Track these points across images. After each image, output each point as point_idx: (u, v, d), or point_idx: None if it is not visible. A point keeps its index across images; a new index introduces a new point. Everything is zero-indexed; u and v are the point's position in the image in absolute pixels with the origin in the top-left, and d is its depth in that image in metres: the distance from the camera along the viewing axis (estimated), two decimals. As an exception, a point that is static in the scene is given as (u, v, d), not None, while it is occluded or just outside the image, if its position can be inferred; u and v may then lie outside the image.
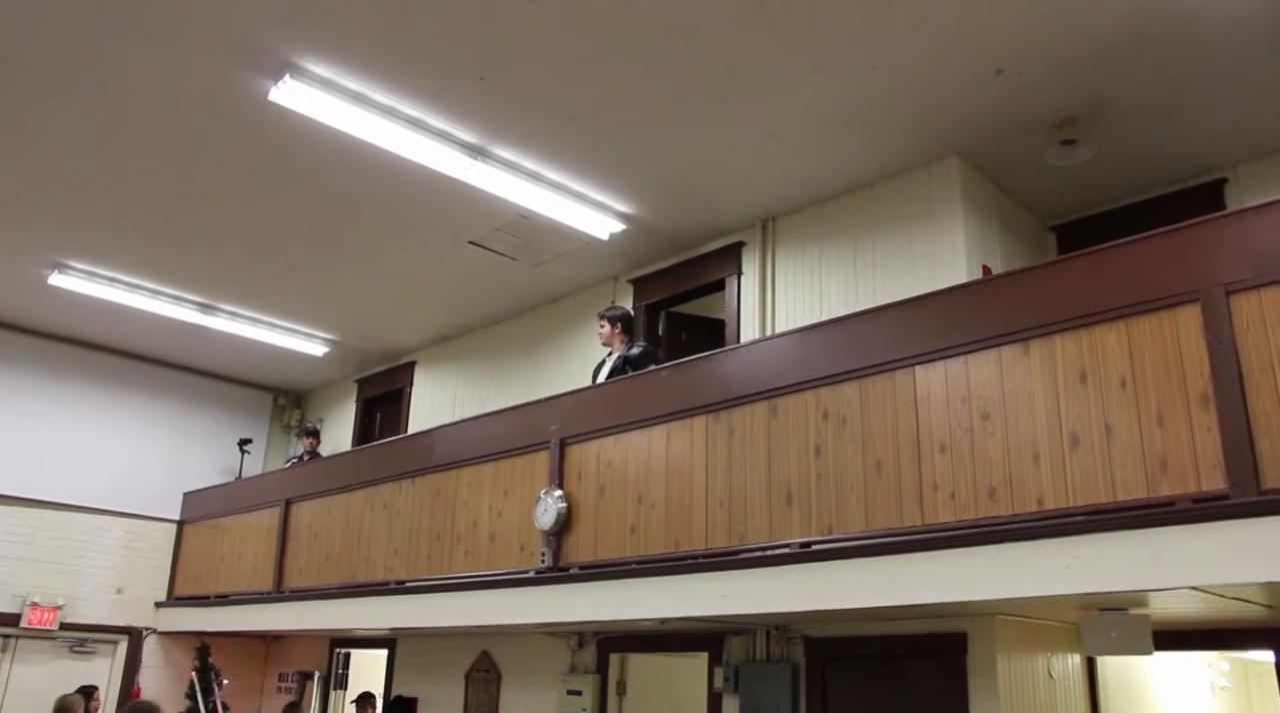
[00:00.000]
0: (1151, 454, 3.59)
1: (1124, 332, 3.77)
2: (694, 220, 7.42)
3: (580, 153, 6.54)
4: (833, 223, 6.90)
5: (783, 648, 6.07)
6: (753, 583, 4.68)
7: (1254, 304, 3.49)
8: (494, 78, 5.74)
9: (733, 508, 4.92)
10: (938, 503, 4.11)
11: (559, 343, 8.73)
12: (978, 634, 5.22)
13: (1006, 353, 4.06)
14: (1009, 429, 3.97)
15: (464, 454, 6.75)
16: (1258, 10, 5.11)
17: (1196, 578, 3.46)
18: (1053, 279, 4.26)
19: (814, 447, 4.62)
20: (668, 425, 5.39)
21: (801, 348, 5.02)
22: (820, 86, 5.77)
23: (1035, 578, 3.71)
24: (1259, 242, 3.57)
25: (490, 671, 7.78)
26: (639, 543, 5.39)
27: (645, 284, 8.12)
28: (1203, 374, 3.53)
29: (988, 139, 6.23)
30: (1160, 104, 5.89)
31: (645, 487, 5.42)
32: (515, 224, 7.38)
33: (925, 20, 5.21)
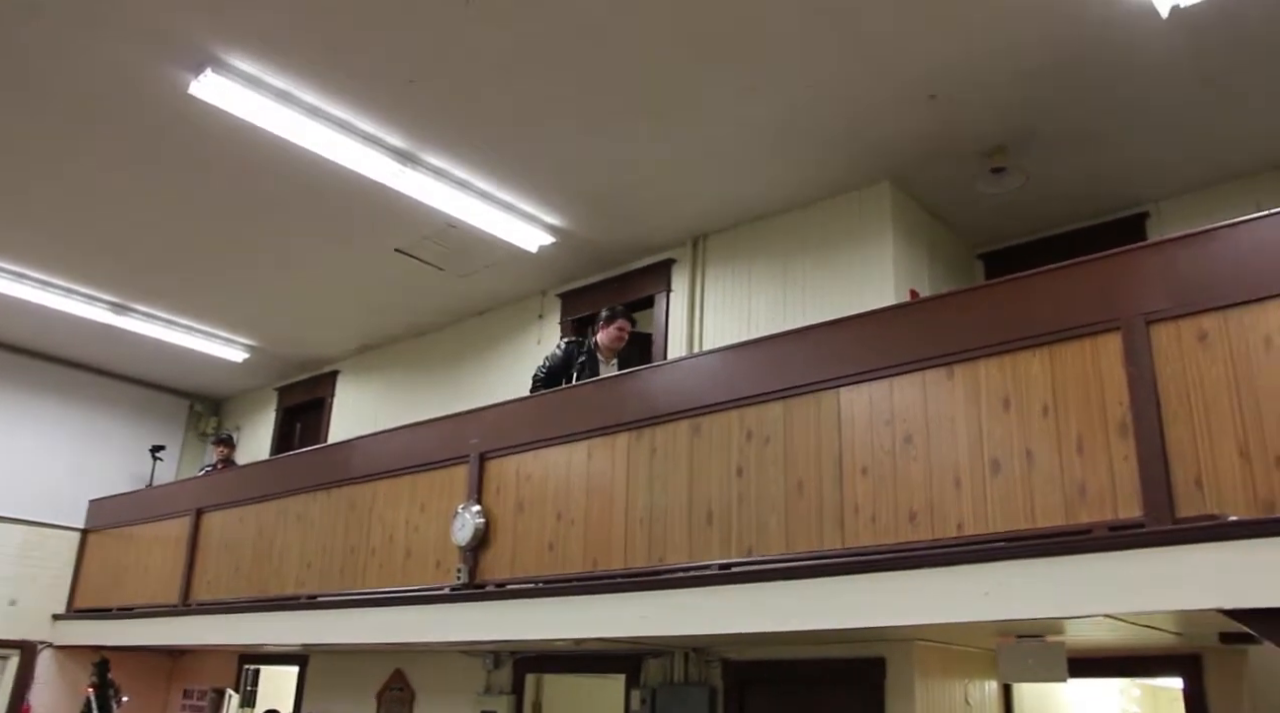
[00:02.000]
0: (1071, 481, 3.59)
1: (1047, 358, 3.77)
2: (624, 235, 7.36)
3: (511, 162, 6.45)
4: (763, 242, 6.90)
5: (701, 671, 5.99)
6: (672, 604, 4.59)
7: (1172, 334, 3.50)
8: (424, 82, 5.63)
9: (653, 527, 4.83)
10: (858, 526, 4.07)
11: (484, 356, 8.61)
12: (896, 660, 5.20)
13: (931, 377, 4.04)
14: (931, 453, 3.95)
15: (382, 466, 6.58)
16: (1183, 51, 5.21)
17: (1111, 606, 3.45)
18: (978, 305, 4.26)
19: (736, 467, 4.56)
20: (589, 442, 5.30)
21: (726, 367, 4.96)
22: (753, 106, 5.75)
23: (954, 604, 3.67)
24: (1178, 273, 3.60)
25: (403, 689, 7.58)
26: (557, 561, 5.27)
27: (573, 299, 8.04)
28: (1122, 403, 3.53)
29: (919, 164, 6.27)
30: (1087, 137, 5.98)
31: (565, 504, 5.31)
32: (443, 233, 7.25)
33: (861, 44, 5.22)
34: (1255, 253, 3.49)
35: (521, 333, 8.39)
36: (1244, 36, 5.10)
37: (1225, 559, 3.11)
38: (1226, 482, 3.28)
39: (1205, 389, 3.41)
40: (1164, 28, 4.97)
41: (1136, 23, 4.97)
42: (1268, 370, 3.29)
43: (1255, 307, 3.37)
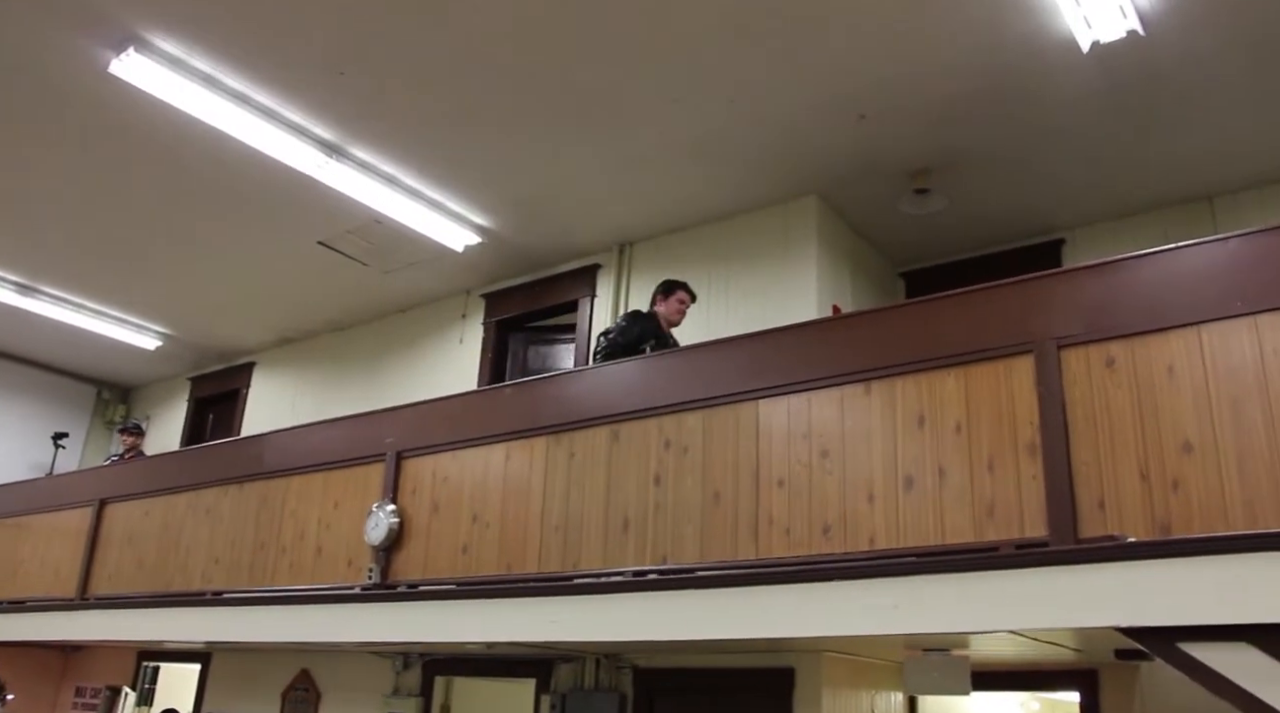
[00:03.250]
0: (980, 499, 3.66)
1: (962, 378, 3.83)
2: (551, 239, 7.34)
3: (440, 161, 6.40)
4: (689, 252, 6.93)
5: (612, 677, 5.99)
6: (584, 610, 4.57)
7: (1082, 358, 3.59)
8: (355, 74, 5.56)
9: (568, 533, 4.82)
10: (773, 538, 4.09)
11: (406, 354, 8.51)
12: (805, 670, 5.25)
13: (849, 392, 4.09)
14: (847, 468, 3.99)
15: (296, 462, 6.45)
16: (1100, 84, 5.37)
17: (1015, 622, 3.53)
18: (897, 323, 4.33)
19: (654, 475, 4.57)
20: (508, 445, 5.26)
21: (648, 375, 4.97)
22: (682, 116, 5.79)
23: (863, 617, 3.71)
24: (1090, 299, 3.70)
25: (309, 689, 7.44)
26: (471, 563, 5.22)
27: (497, 300, 8.00)
28: (1032, 423, 3.61)
29: (846, 182, 6.36)
30: (1009, 163, 6.13)
31: (481, 506, 5.26)
32: (368, 228, 7.16)
33: (792, 61, 5.28)
34: (1160, 284, 3.60)
35: (444, 332, 8.32)
36: (1158, 73, 5.27)
37: (1122, 579, 3.19)
38: (1127, 504, 3.37)
39: (1111, 413, 3.50)
40: (1084, 61, 5.12)
41: (1058, 55, 5.11)
42: (1169, 397, 3.39)
43: (1159, 336, 3.47)
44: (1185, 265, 3.61)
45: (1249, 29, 4.97)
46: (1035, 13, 4.87)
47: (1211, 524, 3.18)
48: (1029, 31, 4.99)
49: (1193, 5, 4.81)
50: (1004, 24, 4.95)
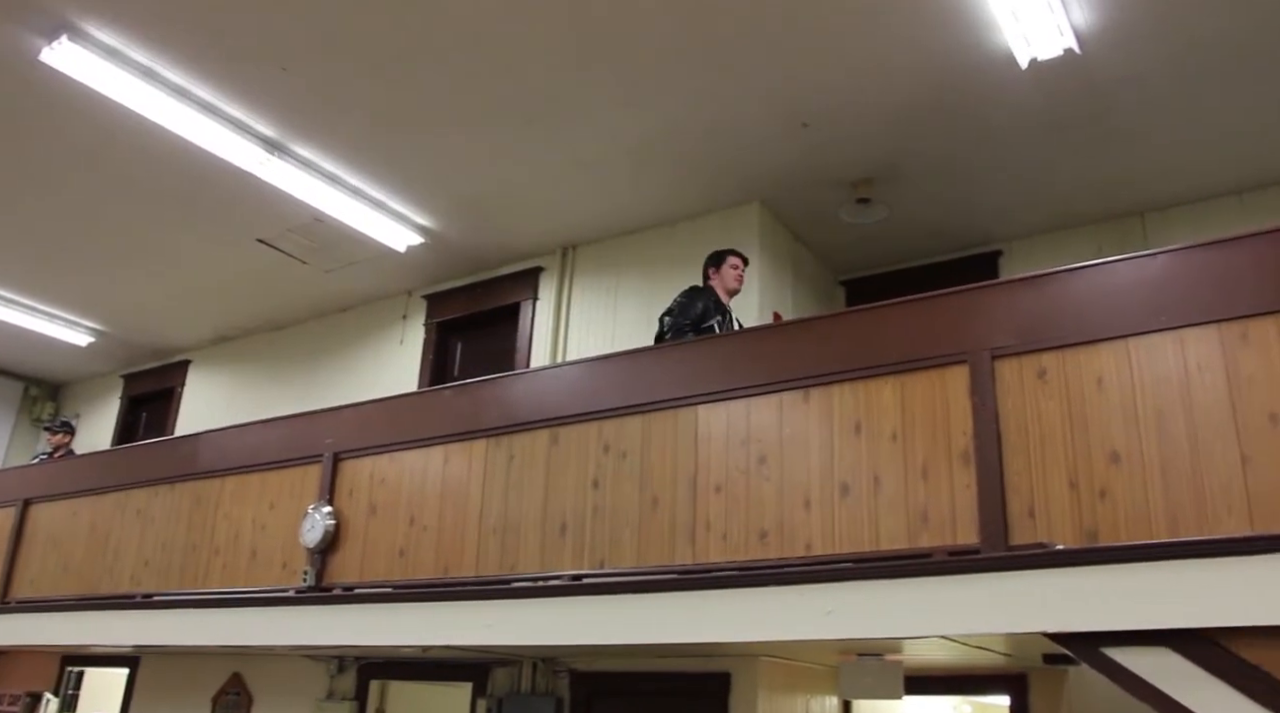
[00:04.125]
0: (915, 507, 3.70)
1: (899, 386, 3.88)
2: (494, 240, 7.31)
3: (382, 160, 6.34)
4: (632, 256, 6.95)
5: (549, 681, 5.97)
6: (521, 614, 4.56)
7: (1015, 369, 3.66)
8: (298, 70, 5.50)
9: (506, 536, 4.80)
10: (710, 543, 4.11)
11: (345, 354, 8.42)
12: (741, 674, 5.28)
13: (787, 399, 4.12)
14: (784, 474, 4.02)
15: (231, 462, 6.35)
16: (1039, 100, 5.48)
17: (947, 628, 3.57)
18: (836, 331, 4.37)
19: (593, 479, 4.57)
20: (446, 447, 5.23)
21: (588, 378, 4.97)
22: (628, 120, 5.80)
23: (799, 622, 3.75)
24: (1024, 311, 3.77)
25: (241, 694, 7.33)
26: (408, 566, 5.18)
27: (439, 301, 7.94)
28: (965, 433, 3.67)
29: (789, 189, 6.41)
30: (949, 175, 6.22)
31: (419, 508, 5.23)
32: (309, 226, 7.07)
33: (738, 68, 5.31)
34: (1092, 297, 3.68)
35: (384, 333, 8.24)
36: (1093, 91, 5.39)
37: (1050, 586, 3.26)
38: (1056, 512, 3.44)
39: (1042, 423, 3.57)
40: (1023, 77, 5.22)
41: (998, 70, 5.20)
42: (1097, 408, 3.46)
43: (1090, 347, 3.55)
44: (1116, 279, 3.69)
45: (1180, 52, 5.10)
46: (976, 28, 4.95)
47: (1136, 533, 3.26)
48: (970, 46, 5.08)
49: (1127, 27, 4.92)
50: (946, 38, 5.03)
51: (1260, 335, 3.27)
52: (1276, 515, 3.05)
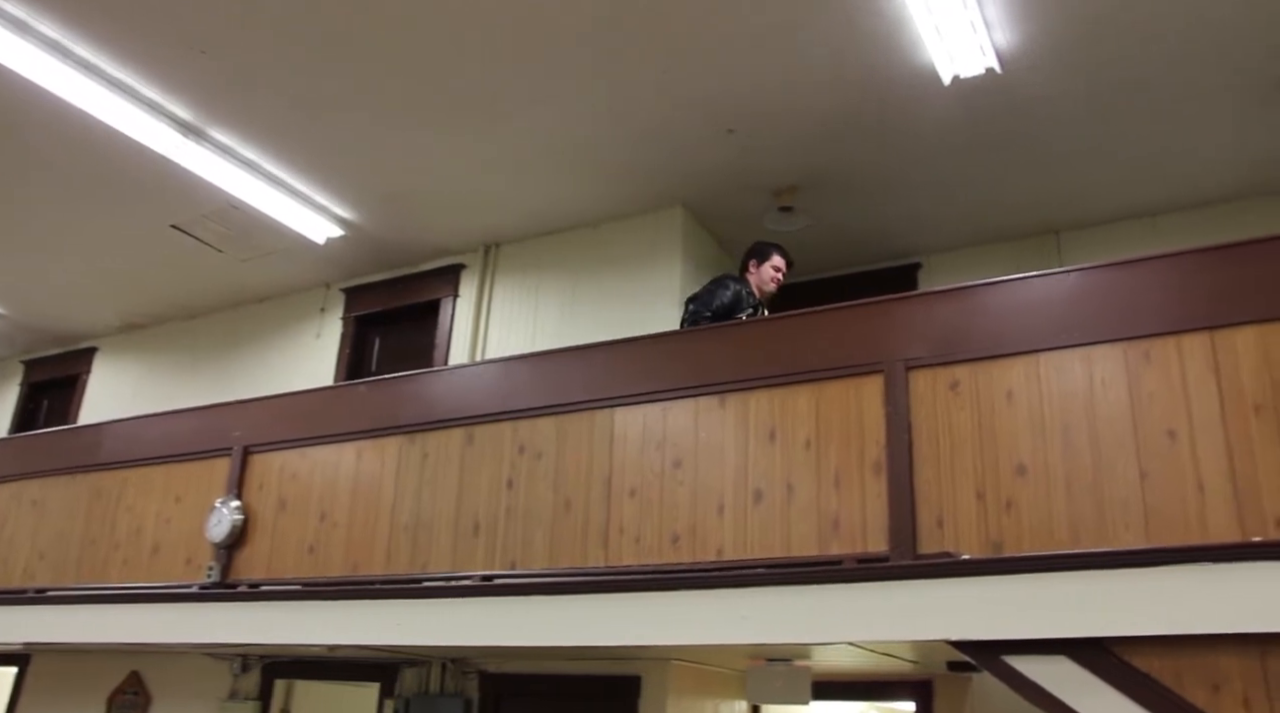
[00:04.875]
0: (826, 514, 3.74)
1: (814, 395, 3.92)
2: (416, 236, 7.22)
3: (304, 149, 6.21)
4: (554, 256, 6.92)
5: (458, 682, 5.91)
6: (430, 614, 4.50)
7: (928, 380, 3.72)
8: (219, 53, 5.36)
9: (418, 534, 4.74)
10: (622, 546, 4.11)
11: (259, 346, 8.24)
12: (651, 678, 5.28)
13: (704, 404, 4.13)
14: (698, 479, 4.03)
15: (136, 454, 6.17)
16: (960, 117, 5.57)
17: (855, 634, 3.62)
18: (754, 337, 4.40)
19: (506, 479, 4.54)
20: (360, 443, 5.15)
21: (505, 378, 4.93)
22: (555, 119, 5.77)
23: (710, 627, 3.76)
24: (939, 323, 3.83)
25: (139, 693, 7.11)
26: (317, 563, 5.09)
27: (358, 295, 7.82)
28: (878, 442, 3.72)
29: (713, 194, 6.44)
30: (871, 186, 6.30)
31: (330, 505, 5.14)
32: (225, 213, 6.90)
33: (666, 71, 5.32)
34: (1005, 312, 3.76)
35: (301, 325, 8.08)
36: (1012, 110, 5.50)
37: (955, 594, 3.32)
38: (964, 522, 3.50)
39: (953, 435, 3.63)
40: (945, 94, 5.30)
41: (921, 85, 5.28)
42: (1006, 421, 3.54)
43: (1001, 361, 3.62)
44: (1028, 296, 3.77)
45: (1096, 76, 5.23)
46: (902, 43, 5.02)
47: (1039, 544, 3.33)
48: (895, 61, 5.14)
49: (1046, 50, 5.03)
50: (872, 51, 5.09)
51: (1162, 355, 3.36)
52: (1171, 530, 3.14)
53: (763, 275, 5.49)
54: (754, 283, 5.46)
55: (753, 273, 5.50)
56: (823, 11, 4.83)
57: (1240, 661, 2.92)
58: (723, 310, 5.17)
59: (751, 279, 5.47)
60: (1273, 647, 2.89)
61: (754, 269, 5.51)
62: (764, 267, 5.50)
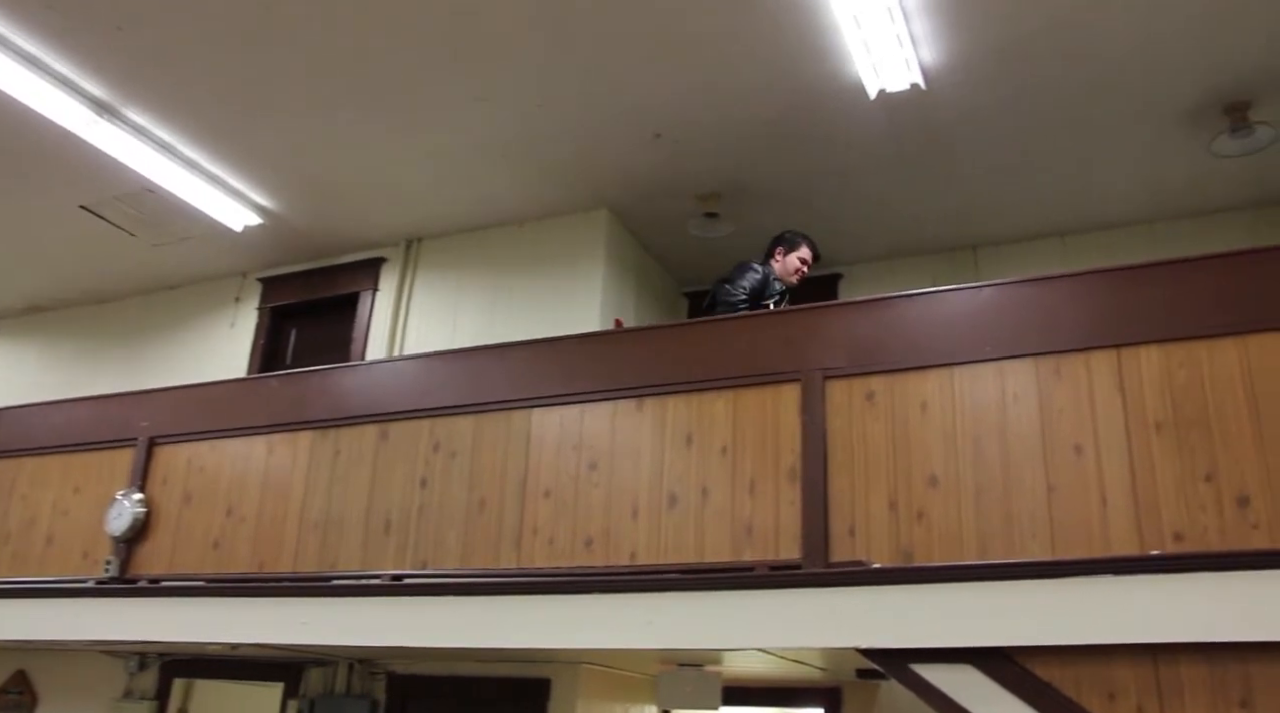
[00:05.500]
0: (740, 520, 3.75)
1: (731, 401, 3.93)
2: (337, 227, 7.09)
3: (224, 134, 6.06)
4: (477, 254, 6.86)
5: (365, 683, 5.81)
6: (338, 612, 4.42)
7: (845, 390, 3.75)
8: (137, 30, 5.19)
9: (327, 531, 4.64)
10: (535, 547, 4.07)
11: (170, 334, 8.02)
12: (561, 681, 5.26)
13: (621, 406, 4.12)
14: (613, 481, 4.02)
15: (32, 441, 5.94)
16: (884, 131, 5.64)
17: (765, 640, 3.65)
18: (674, 341, 4.40)
19: (420, 478, 4.47)
20: (271, 437, 5.03)
21: (422, 374, 4.87)
22: (483, 116, 5.72)
23: (621, 631, 3.75)
24: (857, 334, 3.88)
25: (24, 693, 6.84)
26: (222, 559, 4.96)
27: (275, 286, 7.65)
28: (794, 450, 3.74)
29: (638, 198, 6.44)
30: (794, 196, 6.35)
31: (237, 499, 5.01)
32: (138, 197, 6.70)
33: (594, 73, 5.30)
34: (922, 324, 3.81)
35: (214, 314, 7.88)
36: (935, 126, 5.59)
37: (865, 602, 3.35)
38: (875, 531, 3.53)
39: (868, 444, 3.66)
40: (871, 107, 5.37)
41: (848, 98, 5.33)
42: (920, 432, 3.58)
43: (916, 373, 3.67)
44: (945, 309, 3.83)
45: (1017, 98, 5.34)
46: (829, 56, 5.07)
47: (948, 554, 3.38)
48: (823, 73, 5.19)
49: (970, 69, 5.12)
50: (801, 62, 5.13)
51: (1071, 371, 3.44)
52: (1075, 542, 3.21)
53: (788, 265, 5.39)
54: (777, 271, 5.36)
55: (778, 261, 5.40)
56: (753, 21, 4.86)
57: (1135, 670, 3.00)
58: (755, 293, 5.09)
59: (776, 267, 5.37)
60: (1165, 656, 2.98)
61: (780, 257, 5.41)
62: (790, 257, 5.40)
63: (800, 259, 5.43)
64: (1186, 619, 2.96)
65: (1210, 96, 5.31)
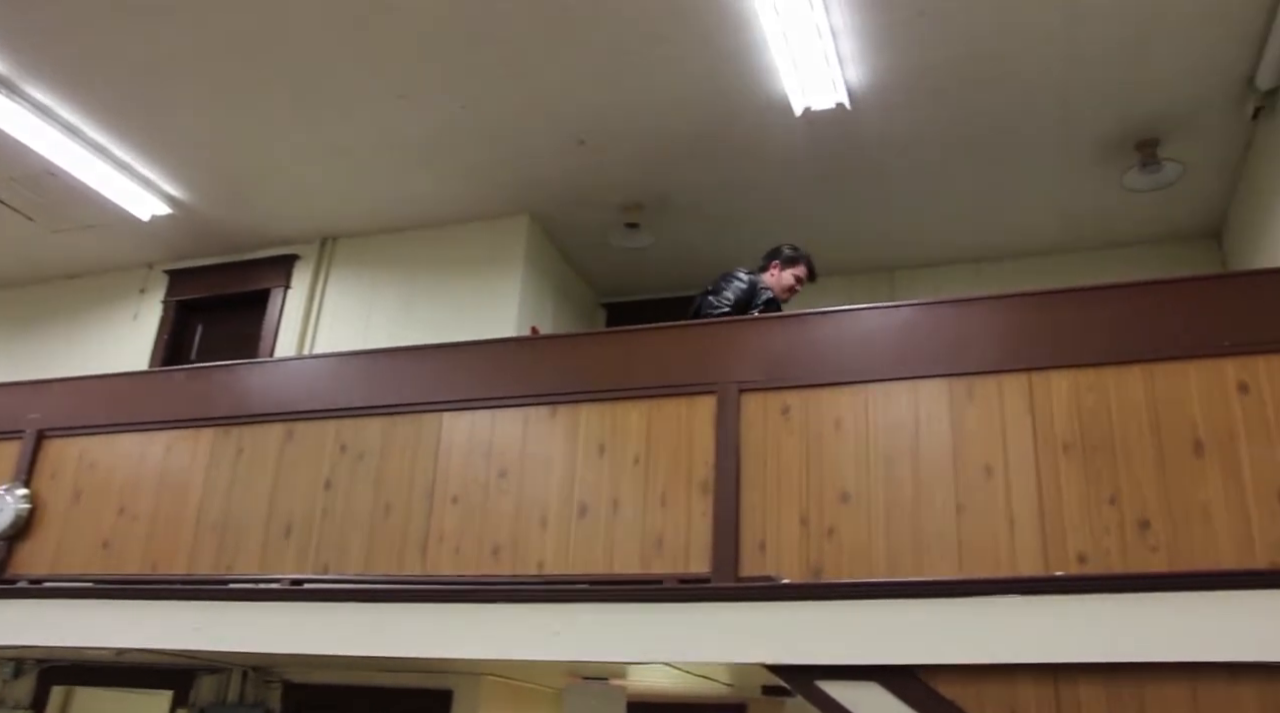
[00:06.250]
0: (651, 532, 3.71)
1: (646, 412, 3.89)
2: (250, 221, 6.90)
3: (133, 118, 5.85)
4: (394, 254, 6.74)
5: (259, 691, 5.63)
6: (233, 618, 4.26)
7: (760, 405, 3.74)
8: (42, 4, 4.98)
9: (225, 533, 4.48)
10: (441, 555, 3.98)
11: (69, 324, 7.72)
12: (463, 693, 5.16)
13: (534, 414, 4.06)
14: (524, 490, 3.95)
15: (-91, 432, 5.65)
16: (809, 149, 5.69)
17: (672, 655, 3.61)
18: (589, 350, 4.36)
19: (325, 480, 4.34)
20: (171, 434, 4.85)
21: (332, 374, 4.74)
22: (405, 114, 5.62)
23: (526, 642, 3.68)
24: (774, 349, 3.88)
25: (-111, 697, 6.49)
26: (111, 560, 4.75)
27: (183, 279, 7.43)
28: (707, 463, 3.71)
29: (560, 205, 6.39)
30: (715, 210, 6.36)
31: (131, 498, 4.81)
32: (38, 179, 6.43)
33: (520, 77, 5.25)
34: (838, 342, 3.83)
35: (116, 305, 7.61)
36: (858, 147, 5.65)
37: (773, 618, 3.33)
38: (786, 546, 3.52)
39: (781, 459, 3.65)
40: (794, 124, 5.40)
41: (773, 114, 5.36)
42: (833, 449, 3.58)
43: (831, 390, 3.68)
44: (862, 327, 3.85)
45: (938, 121, 5.43)
46: (757, 71, 5.08)
47: (858, 571, 3.38)
48: (750, 88, 5.21)
49: (895, 92, 5.19)
50: (728, 76, 5.13)
51: (984, 393, 3.47)
52: (983, 562, 3.23)
53: (783, 280, 5.19)
54: (770, 284, 5.14)
55: (773, 275, 5.20)
56: (682, 32, 4.85)
57: (1037, 689, 3.02)
58: (740, 303, 4.89)
59: (768, 280, 5.16)
60: (1065, 676, 3.02)
61: (775, 271, 5.21)
62: (786, 272, 5.22)
63: (796, 276, 5.24)
64: (1087, 640, 2.99)
65: (1123, 131, 5.46)
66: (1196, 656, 2.90)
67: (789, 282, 5.21)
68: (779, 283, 5.18)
